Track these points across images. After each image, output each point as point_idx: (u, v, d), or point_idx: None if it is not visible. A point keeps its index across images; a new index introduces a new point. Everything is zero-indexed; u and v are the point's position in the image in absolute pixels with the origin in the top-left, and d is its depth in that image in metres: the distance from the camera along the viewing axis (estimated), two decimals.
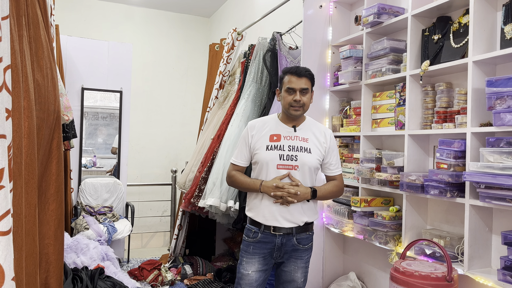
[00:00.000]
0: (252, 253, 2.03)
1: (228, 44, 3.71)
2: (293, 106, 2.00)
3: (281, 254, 2.04)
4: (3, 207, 0.92)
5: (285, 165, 1.99)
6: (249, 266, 2.03)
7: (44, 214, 1.61)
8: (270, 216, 2.00)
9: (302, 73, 2.01)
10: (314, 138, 2.06)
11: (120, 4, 6.08)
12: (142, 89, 6.08)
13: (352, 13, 2.96)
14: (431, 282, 1.80)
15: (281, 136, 2.04)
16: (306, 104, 2.02)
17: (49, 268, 1.62)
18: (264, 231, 2.01)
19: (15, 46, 1.18)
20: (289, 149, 2.01)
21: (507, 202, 1.69)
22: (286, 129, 2.06)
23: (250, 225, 2.08)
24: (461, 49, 2.04)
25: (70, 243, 3.19)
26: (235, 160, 2.12)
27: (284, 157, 2.00)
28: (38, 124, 1.50)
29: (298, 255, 2.04)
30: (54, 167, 1.66)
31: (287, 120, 2.08)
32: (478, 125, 1.91)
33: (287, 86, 2.01)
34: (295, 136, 2.04)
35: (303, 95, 2.00)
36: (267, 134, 2.05)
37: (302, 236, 2.03)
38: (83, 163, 4.66)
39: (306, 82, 2.01)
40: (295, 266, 2.05)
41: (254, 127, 2.10)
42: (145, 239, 5.75)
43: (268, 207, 2.00)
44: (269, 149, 2.01)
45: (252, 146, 2.07)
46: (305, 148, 2.02)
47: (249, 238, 2.05)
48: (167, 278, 3.57)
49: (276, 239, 2.00)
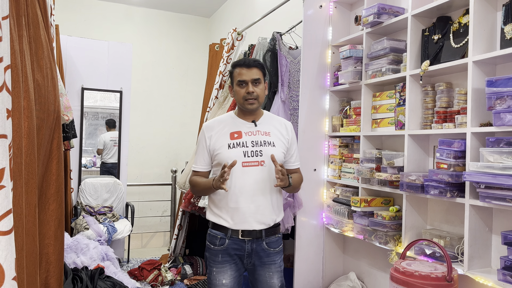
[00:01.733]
0: (222, 261, 1.90)
1: (228, 44, 3.71)
2: (247, 99, 1.90)
3: (251, 261, 1.92)
4: (4, 206, 0.92)
5: (250, 162, 1.89)
6: (221, 275, 1.90)
7: (44, 214, 1.61)
8: (239, 219, 1.87)
9: (252, 64, 1.91)
10: (276, 131, 1.98)
11: (120, 4, 6.09)
12: (142, 89, 6.08)
13: (352, 13, 2.96)
14: (431, 282, 1.80)
15: (242, 132, 1.93)
16: (260, 95, 1.92)
17: (49, 268, 1.62)
18: (231, 237, 1.88)
19: (15, 46, 1.18)
20: (252, 144, 1.91)
21: (507, 202, 1.69)
22: (246, 124, 1.96)
23: (214, 231, 1.93)
24: (461, 49, 2.04)
25: (70, 243, 3.19)
26: (195, 166, 2.00)
27: (248, 153, 1.89)
28: (38, 124, 1.50)
29: (271, 260, 1.93)
30: (54, 167, 1.66)
31: (245, 115, 1.98)
32: (478, 125, 1.91)
33: (238, 79, 1.91)
34: (256, 131, 1.95)
35: (255, 86, 1.90)
36: (227, 133, 1.94)
37: (272, 239, 1.93)
38: (83, 163, 4.66)
39: (257, 72, 1.91)
40: (269, 271, 1.93)
41: (211, 127, 1.98)
42: (145, 239, 5.76)
43: (237, 209, 1.87)
44: (231, 147, 1.90)
45: (211, 148, 1.95)
46: (268, 142, 1.93)
47: (215, 246, 1.91)
48: (167, 278, 3.57)
49: (246, 245, 1.88)
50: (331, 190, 2.86)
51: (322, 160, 2.89)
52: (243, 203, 1.88)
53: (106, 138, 4.95)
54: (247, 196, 1.88)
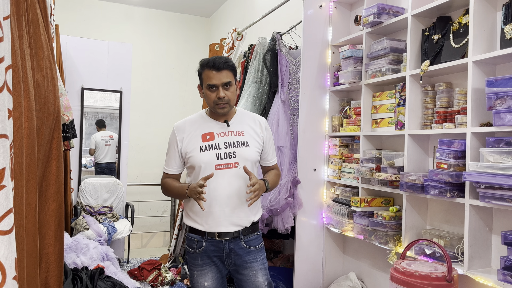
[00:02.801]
0: (201, 264, 1.86)
1: (228, 44, 3.72)
2: (218, 104, 1.82)
3: (232, 261, 1.86)
4: (5, 206, 0.92)
5: (224, 164, 1.82)
6: (202, 278, 1.86)
7: (44, 214, 1.61)
8: (214, 223, 1.82)
9: (221, 66, 1.80)
10: (249, 130, 1.91)
11: (120, 4, 6.09)
12: (142, 89, 6.08)
13: (352, 13, 2.96)
14: (431, 282, 1.80)
15: (214, 133, 1.87)
16: (231, 99, 1.85)
17: (49, 268, 1.62)
18: (208, 239, 1.84)
19: (16, 46, 1.18)
20: (225, 146, 1.84)
21: (507, 202, 1.70)
22: (218, 125, 1.89)
23: (191, 234, 1.89)
24: (461, 49, 2.04)
25: (70, 243, 3.19)
26: (166, 168, 1.94)
27: (221, 155, 1.83)
28: (38, 124, 1.50)
29: (252, 258, 1.87)
30: (54, 167, 1.66)
31: (216, 116, 1.90)
32: (478, 125, 1.91)
33: (207, 83, 1.82)
34: (229, 131, 1.88)
35: (226, 89, 1.82)
36: (199, 134, 1.87)
37: (250, 237, 1.88)
38: (83, 163, 4.66)
39: (228, 75, 1.82)
40: (253, 270, 1.86)
41: (182, 129, 1.90)
42: (145, 239, 5.75)
43: (211, 213, 1.82)
44: (204, 150, 1.84)
45: (183, 150, 1.88)
46: (242, 142, 1.87)
47: (193, 250, 1.87)
48: (167, 278, 3.57)
49: (223, 246, 1.83)
50: (331, 190, 2.86)
51: (322, 160, 2.89)
52: (217, 207, 1.82)
53: (97, 138, 4.88)
54: (221, 199, 1.82)
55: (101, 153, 4.88)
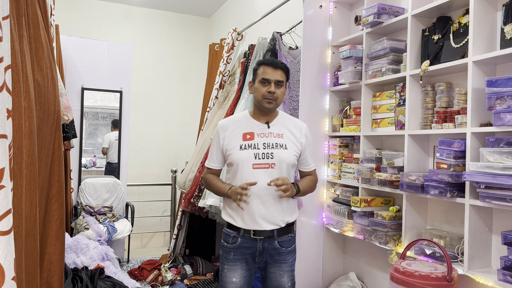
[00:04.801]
0: (234, 259, 1.93)
1: (228, 44, 3.72)
2: (266, 98, 1.91)
3: (263, 259, 1.94)
4: (4, 206, 0.92)
5: (261, 164, 1.90)
6: (232, 273, 1.93)
7: (46, 214, 1.61)
8: (249, 220, 1.90)
9: (278, 65, 1.93)
10: (289, 133, 1.98)
11: (120, 4, 6.09)
12: (142, 89, 6.08)
13: (352, 13, 2.96)
14: (431, 282, 1.80)
15: (255, 134, 1.94)
16: (279, 97, 1.93)
17: (50, 267, 1.62)
18: (243, 236, 1.91)
19: (15, 46, 1.18)
20: (264, 147, 1.91)
21: (507, 202, 1.70)
22: (259, 126, 1.97)
23: (228, 230, 1.97)
24: (461, 49, 2.04)
25: (70, 243, 3.19)
26: (209, 163, 2.03)
27: (259, 155, 1.90)
28: (38, 124, 1.50)
29: (282, 259, 1.94)
30: (56, 167, 1.66)
31: (260, 116, 1.98)
32: (478, 125, 1.91)
33: (262, 77, 1.92)
34: (269, 133, 1.95)
35: (277, 87, 1.92)
36: (240, 133, 1.95)
37: (284, 238, 1.94)
38: (83, 163, 4.66)
39: (282, 75, 1.93)
40: (280, 270, 1.94)
41: (225, 127, 1.99)
42: (145, 239, 5.75)
43: (246, 210, 1.90)
44: (243, 148, 1.91)
45: (224, 147, 1.97)
46: (280, 144, 1.93)
47: (228, 244, 1.95)
48: (167, 278, 3.57)
49: (257, 244, 1.91)
50: (331, 190, 2.86)
51: (322, 160, 2.89)
52: (253, 205, 1.89)
53: (111, 137, 4.92)
54: (256, 198, 1.89)
55: (114, 153, 4.88)
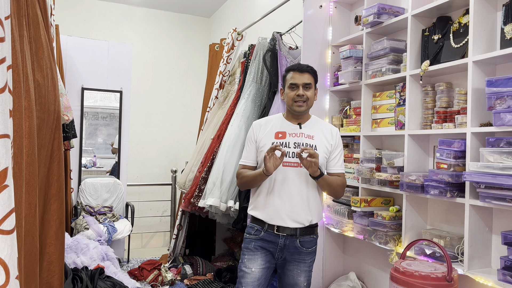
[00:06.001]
0: (254, 249, 1.98)
1: (228, 44, 3.72)
2: (296, 101, 1.99)
3: (283, 256, 1.99)
4: (8, 206, 0.93)
5: (291, 163, 1.96)
6: (251, 263, 1.97)
7: (46, 214, 1.61)
8: (275, 215, 1.96)
9: (304, 69, 2.01)
10: (320, 135, 2.04)
11: (120, 4, 6.08)
12: (142, 89, 6.08)
13: (352, 13, 2.96)
14: (431, 282, 1.80)
15: (286, 133, 2.02)
16: (310, 99, 2.01)
17: (50, 267, 1.62)
18: (267, 230, 1.97)
19: (16, 46, 1.18)
20: (294, 146, 1.98)
21: (507, 202, 1.70)
22: (291, 126, 2.04)
23: (252, 223, 2.04)
24: (461, 49, 2.04)
25: (70, 243, 3.19)
26: (244, 160, 2.10)
27: (289, 154, 1.97)
28: (38, 124, 1.50)
29: (301, 258, 1.99)
30: (56, 167, 1.66)
31: (292, 118, 2.06)
32: (478, 125, 1.91)
33: (290, 82, 2.01)
34: (300, 133, 2.02)
35: (306, 90, 1.99)
36: (272, 132, 2.04)
37: (306, 238, 1.99)
38: (83, 163, 4.66)
39: (309, 78, 2.01)
40: (298, 269, 1.99)
41: (259, 126, 2.09)
42: (145, 239, 5.75)
43: (273, 205, 1.97)
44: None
45: (257, 144, 2.05)
46: (310, 145, 1.99)
47: (251, 235, 2.01)
48: (167, 278, 3.57)
49: (279, 240, 1.96)
50: None
51: None
52: (279, 201, 1.96)
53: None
54: (284, 194, 1.95)
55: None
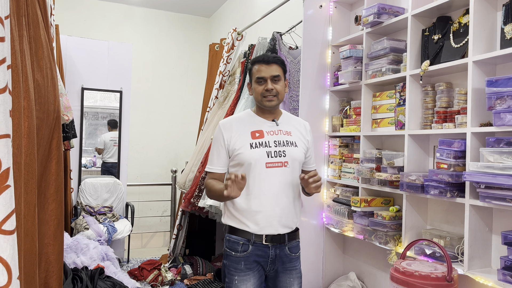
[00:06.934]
0: (245, 269, 1.77)
1: (228, 44, 3.72)
2: (265, 96, 1.81)
3: (275, 267, 1.83)
4: (9, 206, 0.93)
5: (274, 163, 1.79)
6: (244, 284, 1.78)
7: (43, 214, 1.61)
8: (264, 223, 1.77)
9: (271, 60, 1.83)
10: (296, 131, 1.91)
11: (120, 4, 6.08)
12: (142, 89, 6.08)
13: (352, 13, 2.96)
14: (431, 282, 1.80)
15: (264, 131, 1.84)
16: (280, 92, 1.83)
17: (48, 268, 1.62)
18: (255, 243, 1.77)
19: (16, 46, 1.18)
20: (275, 144, 1.82)
21: (507, 202, 1.69)
22: (267, 123, 1.87)
23: (235, 236, 1.80)
24: (461, 49, 2.04)
25: (70, 243, 3.19)
26: (211, 167, 1.86)
27: (272, 154, 1.80)
28: (38, 124, 1.50)
29: (292, 266, 1.86)
30: (54, 167, 1.66)
31: (264, 114, 1.89)
32: (478, 125, 1.91)
33: (257, 76, 1.83)
34: (278, 130, 1.86)
35: (275, 83, 1.82)
36: (248, 132, 1.83)
37: (293, 243, 1.87)
38: (83, 163, 4.66)
39: (277, 69, 1.83)
40: (291, 277, 1.85)
41: (229, 127, 1.86)
42: (145, 239, 5.75)
43: (261, 212, 1.76)
44: (254, 147, 1.80)
45: (231, 147, 1.83)
46: (291, 142, 1.85)
47: (237, 253, 1.78)
48: (167, 278, 3.57)
49: (270, 251, 1.79)
50: (331, 190, 2.86)
51: (322, 160, 2.89)
52: (268, 206, 1.78)
53: (106, 138, 4.97)
54: (272, 198, 1.79)
55: (108, 153, 4.94)
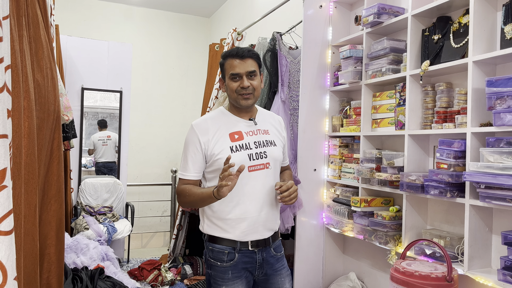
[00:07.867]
0: (233, 278, 1.69)
1: (228, 44, 3.71)
2: (241, 94, 1.68)
3: (263, 271, 1.76)
4: (6, 206, 0.93)
5: (257, 166, 1.70)
6: None
7: (46, 214, 1.61)
8: (249, 229, 1.69)
9: (246, 54, 1.68)
10: (273, 128, 1.82)
11: (120, 4, 6.09)
12: (142, 89, 6.09)
13: (352, 13, 2.96)
14: (431, 282, 1.80)
15: (242, 132, 1.72)
16: (257, 89, 1.71)
17: (50, 268, 1.62)
18: (240, 250, 1.69)
19: (15, 46, 1.18)
20: (255, 146, 1.71)
21: (507, 202, 1.69)
22: (244, 123, 1.75)
23: (219, 246, 1.70)
24: (461, 49, 2.04)
25: (70, 243, 3.19)
26: (185, 174, 1.72)
27: (253, 156, 1.70)
28: (38, 124, 1.50)
29: (280, 265, 1.80)
30: (55, 167, 1.66)
31: (240, 112, 1.76)
32: (478, 125, 1.91)
33: (230, 72, 1.68)
34: (257, 130, 1.75)
35: (251, 79, 1.69)
36: (226, 134, 1.70)
37: (276, 243, 1.82)
38: (83, 163, 4.67)
39: (252, 64, 1.69)
40: (281, 277, 1.80)
41: (204, 129, 1.71)
42: (145, 239, 5.76)
43: (245, 219, 1.68)
44: (235, 150, 1.68)
45: (209, 153, 1.69)
46: (270, 141, 1.76)
47: (224, 263, 1.69)
48: (167, 278, 3.57)
49: (256, 256, 1.72)
50: (331, 190, 2.86)
51: (322, 160, 2.89)
52: (253, 212, 1.70)
53: (95, 138, 4.99)
54: (256, 204, 1.71)
55: (98, 153, 4.96)
